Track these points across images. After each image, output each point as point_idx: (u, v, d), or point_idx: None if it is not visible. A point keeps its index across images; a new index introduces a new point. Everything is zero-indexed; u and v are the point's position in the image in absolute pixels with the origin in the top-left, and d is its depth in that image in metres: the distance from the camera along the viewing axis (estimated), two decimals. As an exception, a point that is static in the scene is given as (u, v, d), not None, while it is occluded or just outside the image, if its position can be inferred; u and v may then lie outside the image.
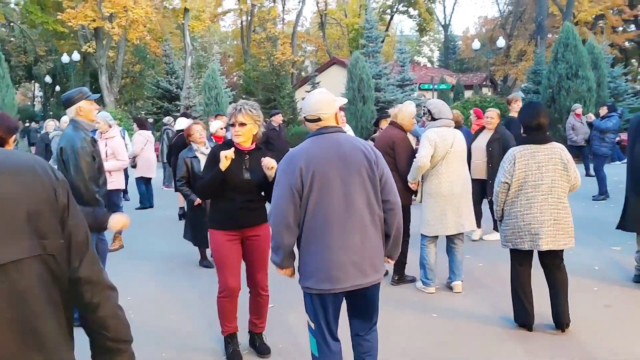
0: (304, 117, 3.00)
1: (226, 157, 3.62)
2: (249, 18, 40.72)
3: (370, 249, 2.83)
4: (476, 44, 31.92)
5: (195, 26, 29.46)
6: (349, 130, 6.89)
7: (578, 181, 4.05)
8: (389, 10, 48.85)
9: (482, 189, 6.83)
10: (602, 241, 6.60)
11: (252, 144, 3.82)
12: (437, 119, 5.09)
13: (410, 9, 48.74)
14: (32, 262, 1.40)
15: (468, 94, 30.48)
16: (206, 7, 31.41)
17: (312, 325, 2.96)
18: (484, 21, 48.21)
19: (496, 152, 6.62)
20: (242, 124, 3.69)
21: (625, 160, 12.58)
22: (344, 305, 3.01)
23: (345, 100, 3.18)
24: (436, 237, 5.17)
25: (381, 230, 2.91)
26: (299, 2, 43.25)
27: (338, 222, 2.77)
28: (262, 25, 39.48)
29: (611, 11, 36.29)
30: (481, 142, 6.90)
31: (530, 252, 4.15)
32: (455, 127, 8.33)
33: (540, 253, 4.13)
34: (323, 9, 46.09)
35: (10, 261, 1.36)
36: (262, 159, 3.71)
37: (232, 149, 3.68)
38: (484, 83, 34.16)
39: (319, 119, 2.91)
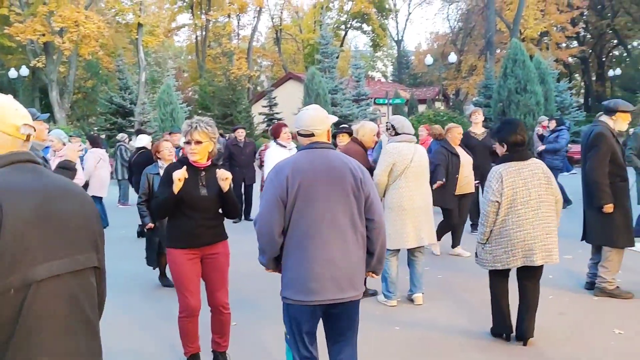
0: (297, 131, 3.03)
1: (179, 180, 3.59)
2: (204, 33, 40.54)
3: (349, 265, 2.84)
4: (429, 59, 32.66)
5: (149, 41, 29.12)
6: (293, 147, 6.89)
7: (559, 194, 4.09)
8: (343, 26, 49.53)
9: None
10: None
11: (207, 160, 3.81)
12: (399, 134, 5.20)
13: (364, 25, 49.58)
14: (92, 271, 1.67)
15: (422, 108, 31.10)
16: (160, 22, 31.14)
17: (289, 336, 2.97)
18: (436, 37, 49.47)
19: None
20: (198, 142, 3.68)
21: (573, 171, 13.11)
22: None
23: (335, 119, 3.23)
24: (397, 250, 5.25)
25: (363, 248, 2.93)
26: (254, 18, 43.30)
27: (319, 234, 2.79)
28: (217, 40, 39.38)
29: (555, 28, 37.87)
30: (468, 157, 7.14)
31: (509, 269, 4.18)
32: (437, 140, 8.64)
33: (521, 269, 4.15)
34: (278, 25, 46.36)
35: (85, 267, 1.63)
36: (217, 170, 3.73)
37: (184, 168, 3.65)
38: (437, 97, 34.94)
39: (312, 134, 2.96)
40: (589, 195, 5.26)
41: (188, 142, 3.71)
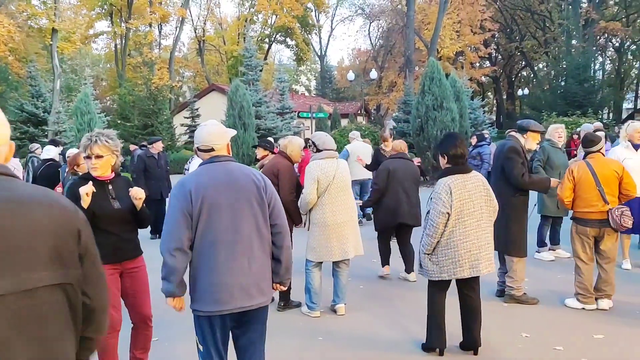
0: (197, 147, 3.08)
1: (87, 195, 3.51)
2: (124, 41, 39.42)
3: (257, 272, 2.94)
4: (351, 75, 33.41)
5: (64, 47, 27.95)
6: None
7: (497, 205, 4.28)
8: (267, 40, 49.72)
9: None
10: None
11: (111, 172, 3.74)
12: (321, 150, 5.31)
13: (288, 39, 50.01)
14: (55, 289, 1.58)
15: (344, 122, 31.70)
16: (77, 28, 29.98)
17: (201, 347, 3.00)
18: (358, 53, 50.71)
19: None
20: (99, 156, 3.61)
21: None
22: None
23: (234, 132, 3.30)
24: (321, 262, 5.35)
25: (270, 254, 3.04)
26: (176, 28, 42.59)
27: (225, 245, 2.86)
28: (138, 49, 38.39)
29: (469, 48, 39.85)
30: None
31: (450, 280, 4.26)
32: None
33: (460, 280, 4.26)
34: (201, 35, 45.84)
35: (37, 286, 1.52)
36: (130, 189, 3.70)
37: (90, 183, 3.57)
38: (359, 112, 35.75)
39: (212, 149, 3.03)
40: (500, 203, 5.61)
41: (88, 157, 3.63)
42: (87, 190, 3.50)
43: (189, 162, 8.80)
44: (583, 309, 5.29)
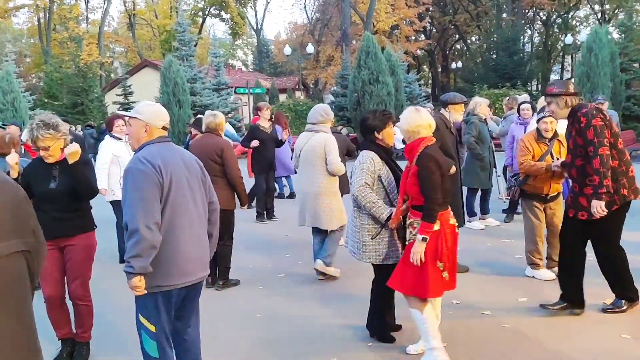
0: (155, 124, 3.06)
1: (16, 163, 3.94)
2: (48, 15, 37.44)
3: (207, 245, 3.18)
4: (287, 49, 33.09)
5: (-19, 22, 26.29)
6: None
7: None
8: (200, 13, 48.43)
9: None
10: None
11: (62, 153, 3.83)
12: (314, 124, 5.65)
13: (222, 13, 48.87)
14: (19, 256, 1.74)
15: (282, 97, 31.51)
16: (-6, 1, 28.23)
17: (152, 328, 2.97)
18: (294, 27, 50.23)
19: None
20: (46, 148, 3.72)
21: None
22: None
23: None
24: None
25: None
26: (104, 1, 40.81)
27: (188, 220, 3.00)
28: (64, 24, 36.60)
29: (404, 22, 40.27)
30: None
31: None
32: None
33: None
34: (131, 9, 44.16)
35: (4, 254, 1.67)
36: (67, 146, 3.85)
37: (15, 155, 3.97)
38: (297, 87, 35.59)
39: (165, 128, 3.13)
40: None
41: (37, 148, 3.77)
42: (12, 160, 3.88)
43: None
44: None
